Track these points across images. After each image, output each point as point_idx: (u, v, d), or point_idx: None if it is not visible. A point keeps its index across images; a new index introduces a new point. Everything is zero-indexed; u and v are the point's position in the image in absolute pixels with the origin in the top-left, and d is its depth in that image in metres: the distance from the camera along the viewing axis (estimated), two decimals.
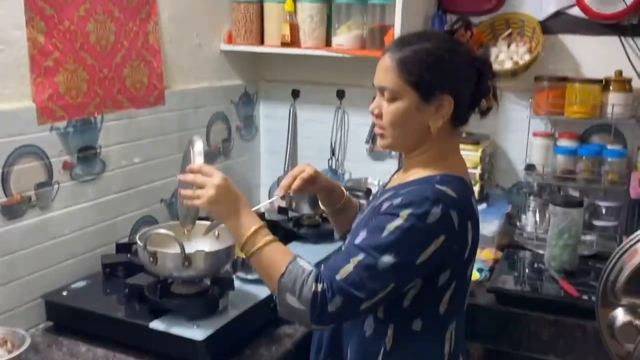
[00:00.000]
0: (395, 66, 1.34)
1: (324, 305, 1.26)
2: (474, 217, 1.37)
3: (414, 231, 1.27)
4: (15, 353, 1.54)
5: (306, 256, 1.38)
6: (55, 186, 1.86)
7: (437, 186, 1.32)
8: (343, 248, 1.37)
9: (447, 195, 1.31)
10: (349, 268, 1.26)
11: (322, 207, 1.70)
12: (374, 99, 1.41)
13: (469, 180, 1.43)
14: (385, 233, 1.27)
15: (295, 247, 2.08)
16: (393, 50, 1.36)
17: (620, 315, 1.23)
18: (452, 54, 1.34)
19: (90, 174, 1.98)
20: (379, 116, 1.39)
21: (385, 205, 1.33)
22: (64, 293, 1.83)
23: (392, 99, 1.35)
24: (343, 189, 1.69)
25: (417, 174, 1.40)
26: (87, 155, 1.96)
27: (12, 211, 1.73)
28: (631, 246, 1.25)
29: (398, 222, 1.27)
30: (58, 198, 1.87)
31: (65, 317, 1.80)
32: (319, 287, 1.26)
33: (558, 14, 2.42)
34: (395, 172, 1.61)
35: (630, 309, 1.22)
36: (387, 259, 1.26)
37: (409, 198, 1.29)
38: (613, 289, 1.22)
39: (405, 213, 1.27)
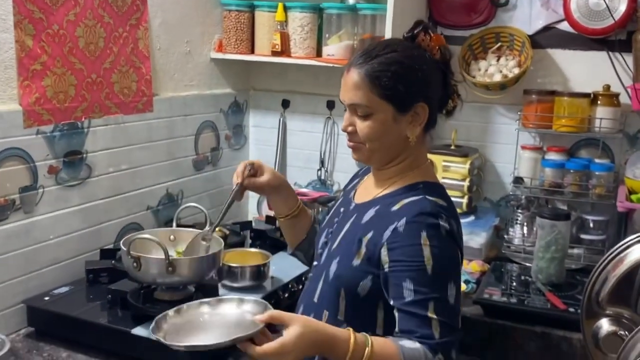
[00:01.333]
0: (365, 81, 1.31)
1: None
2: (459, 221, 1.38)
3: (443, 249, 1.25)
4: None
5: (294, 265, 1.36)
6: (40, 190, 1.84)
7: (429, 198, 1.31)
8: (400, 307, 1.25)
9: (441, 206, 1.30)
10: (435, 323, 1.22)
11: (275, 214, 1.65)
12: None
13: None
14: (428, 269, 1.23)
15: (282, 256, 2.07)
16: (359, 64, 1.32)
17: (605, 325, 1.23)
18: (421, 61, 1.33)
19: (76, 178, 1.96)
20: (353, 133, 1.36)
21: (387, 234, 1.28)
22: (46, 298, 1.81)
23: (367, 115, 1.32)
24: (296, 195, 1.66)
25: (396, 184, 1.38)
26: (73, 160, 1.95)
27: None
28: (615, 256, 1.25)
29: (426, 251, 1.24)
30: (42, 202, 1.85)
31: (46, 323, 1.78)
32: (438, 357, 1.21)
33: (547, 29, 2.44)
34: (357, 178, 1.58)
35: (615, 319, 1.22)
36: (452, 288, 1.25)
37: (412, 217, 1.26)
38: (597, 299, 1.22)
39: (424, 236, 1.24)
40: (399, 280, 1.25)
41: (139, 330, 1.63)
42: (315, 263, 1.49)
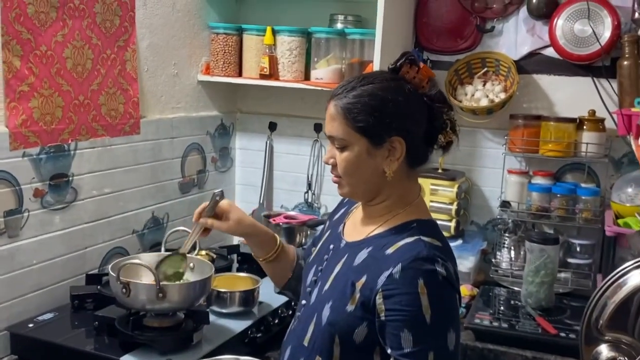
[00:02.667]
0: (340, 114, 1.29)
1: None
2: (455, 260, 1.34)
3: (441, 297, 1.22)
4: None
5: None
6: (25, 214, 1.80)
7: (424, 239, 1.26)
8: (398, 358, 1.21)
9: (437, 247, 1.26)
10: None
11: (255, 257, 1.56)
12: None
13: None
14: (427, 319, 1.19)
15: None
16: (337, 97, 1.31)
17: (605, 351, 1.22)
18: (396, 93, 1.29)
19: (62, 202, 1.93)
20: (334, 165, 1.33)
21: (382, 280, 1.22)
22: (30, 325, 1.77)
23: (343, 147, 1.30)
24: (276, 236, 1.56)
25: (387, 222, 1.33)
26: (59, 183, 1.91)
27: None
28: (614, 282, 1.25)
29: (424, 300, 1.19)
30: (27, 226, 1.81)
31: (31, 351, 1.74)
32: None
33: (532, 54, 2.47)
34: (343, 207, 1.53)
35: (614, 345, 1.21)
36: (451, 337, 1.21)
37: (408, 263, 1.22)
38: (597, 325, 1.21)
39: (420, 284, 1.20)
40: (396, 330, 1.20)
41: (127, 358, 1.59)
42: (303, 302, 1.42)
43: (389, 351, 1.22)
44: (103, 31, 2.03)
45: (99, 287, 1.92)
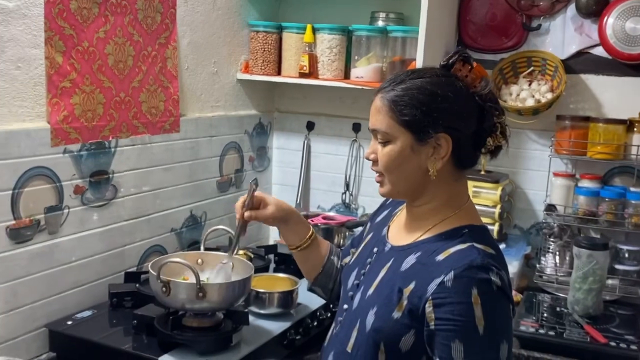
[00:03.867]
0: (386, 106, 1.25)
1: None
2: (507, 268, 1.28)
3: (495, 308, 1.17)
4: None
5: None
6: (66, 211, 1.80)
7: (477, 246, 1.21)
8: None
9: (491, 255, 1.21)
10: None
11: (286, 244, 1.56)
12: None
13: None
14: (480, 330, 1.14)
15: None
16: (384, 91, 1.27)
17: None
18: (446, 88, 1.24)
19: (101, 199, 1.92)
20: (375, 161, 1.29)
21: (432, 287, 1.18)
22: (69, 322, 1.76)
23: (386, 142, 1.26)
24: (310, 225, 1.56)
25: (437, 227, 1.28)
26: (99, 180, 1.90)
27: (20, 235, 1.66)
28: None
29: (477, 310, 1.14)
30: (67, 223, 1.80)
31: (69, 348, 1.72)
32: None
33: (580, 54, 2.39)
34: (387, 209, 1.49)
35: None
36: (504, 348, 1.16)
37: (461, 271, 1.16)
38: None
39: (474, 294, 1.15)
40: (447, 340, 1.15)
41: (166, 358, 1.57)
42: (345, 306, 1.38)
43: None
44: (144, 28, 2.02)
45: (137, 285, 1.90)
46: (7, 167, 1.61)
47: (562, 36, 2.41)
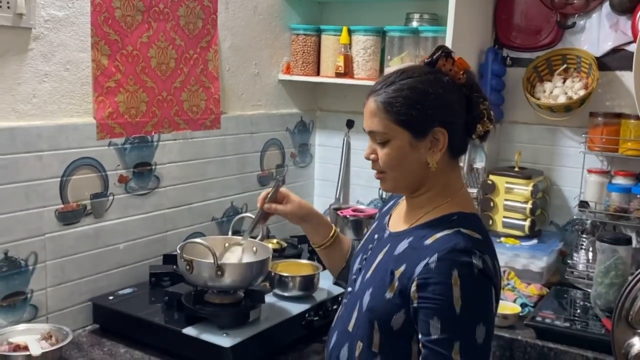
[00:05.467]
0: (380, 108, 1.31)
1: None
2: (496, 254, 1.35)
3: (474, 290, 1.23)
4: (57, 346, 1.66)
5: None
6: (110, 197, 2.00)
7: (463, 231, 1.28)
8: (426, 344, 1.24)
9: (476, 240, 1.28)
10: None
11: (310, 242, 1.69)
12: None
13: (479, 213, 1.41)
14: (457, 309, 1.21)
15: None
16: (376, 93, 1.34)
17: (637, 343, 1.19)
18: (436, 85, 1.31)
19: (144, 188, 2.11)
20: (375, 161, 1.37)
21: (418, 269, 1.25)
22: (111, 298, 1.95)
23: (384, 142, 1.33)
24: (332, 224, 1.68)
25: (429, 214, 1.36)
26: (142, 171, 2.10)
27: (67, 217, 1.87)
28: None
29: (456, 291, 1.21)
30: (112, 209, 2.00)
31: (110, 321, 1.92)
32: None
33: (615, 51, 2.39)
34: (392, 200, 1.58)
35: None
36: (480, 330, 1.22)
37: (444, 255, 1.24)
38: (627, 317, 1.19)
39: (454, 276, 1.22)
40: (426, 317, 1.23)
41: (189, 330, 1.73)
42: (349, 289, 1.49)
43: (419, 337, 1.25)
44: (186, 33, 2.20)
45: (174, 266, 2.07)
46: (57, 157, 1.83)
47: (598, 33, 2.41)
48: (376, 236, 1.49)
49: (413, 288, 1.26)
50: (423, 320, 1.24)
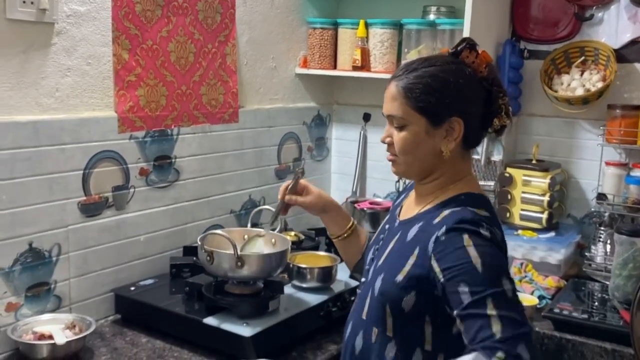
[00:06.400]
0: (401, 93, 1.35)
1: None
2: (503, 233, 1.37)
3: (486, 247, 1.24)
4: (81, 335, 1.69)
5: None
6: (131, 190, 2.03)
7: (470, 208, 1.30)
8: (461, 314, 1.21)
9: (483, 216, 1.30)
10: (495, 320, 1.15)
11: (329, 233, 1.75)
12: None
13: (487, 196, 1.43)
14: (479, 267, 1.20)
15: None
16: (398, 78, 1.37)
17: None
18: (457, 75, 1.34)
19: (165, 181, 2.14)
20: (391, 144, 1.40)
21: (431, 246, 1.28)
22: (132, 289, 1.98)
23: (401, 127, 1.36)
24: (350, 216, 1.73)
25: (437, 198, 1.39)
26: (163, 164, 2.12)
27: (90, 209, 1.90)
28: None
29: (472, 251, 1.22)
30: (133, 201, 2.03)
31: (131, 311, 1.95)
32: (498, 355, 1.12)
33: (634, 43, 2.38)
34: (404, 193, 1.60)
35: None
36: (507, 283, 1.21)
37: (452, 226, 1.26)
38: None
39: (465, 238, 1.24)
40: (454, 287, 1.22)
41: (209, 320, 1.75)
42: (363, 280, 1.51)
43: (454, 313, 1.22)
44: (205, 27, 2.22)
45: (194, 258, 2.10)
46: (79, 150, 1.86)
47: (616, 25, 2.41)
48: (387, 226, 1.53)
49: (434, 264, 1.27)
50: (452, 293, 1.23)
